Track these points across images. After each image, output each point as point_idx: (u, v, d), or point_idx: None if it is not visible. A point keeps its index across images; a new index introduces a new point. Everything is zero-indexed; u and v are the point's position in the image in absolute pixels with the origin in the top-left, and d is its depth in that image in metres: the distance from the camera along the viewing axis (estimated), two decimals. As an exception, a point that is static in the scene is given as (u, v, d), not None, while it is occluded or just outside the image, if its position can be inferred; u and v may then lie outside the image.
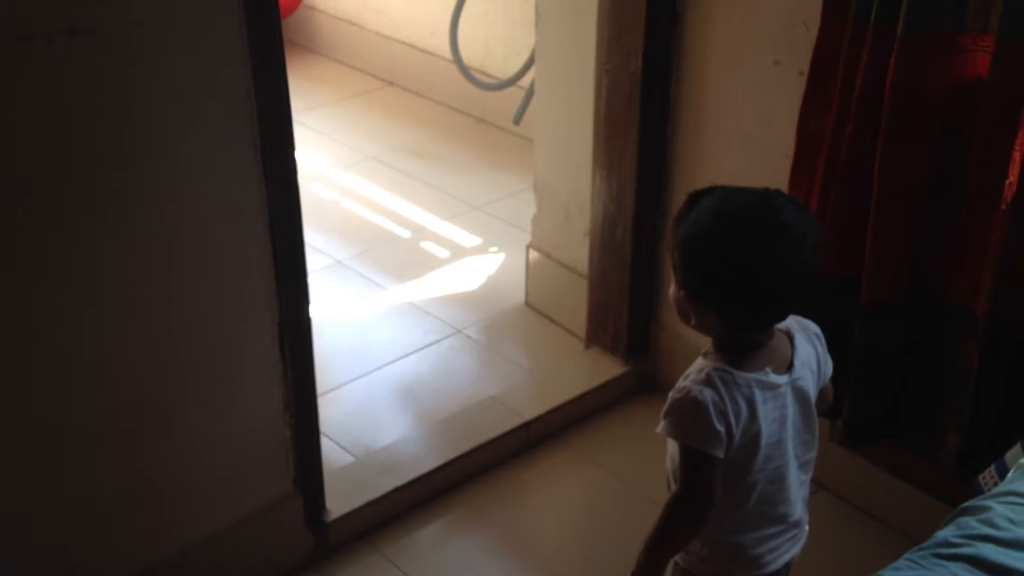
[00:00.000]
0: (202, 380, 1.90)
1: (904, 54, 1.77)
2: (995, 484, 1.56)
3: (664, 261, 2.54)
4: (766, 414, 1.50)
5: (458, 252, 3.27)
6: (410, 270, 3.17)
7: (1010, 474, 1.53)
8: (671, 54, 2.33)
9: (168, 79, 1.67)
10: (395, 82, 4.35)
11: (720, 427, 1.47)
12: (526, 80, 3.62)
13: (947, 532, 1.37)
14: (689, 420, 1.48)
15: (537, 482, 2.43)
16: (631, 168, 2.43)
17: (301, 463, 2.10)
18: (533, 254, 2.90)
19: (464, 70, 3.82)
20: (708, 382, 1.48)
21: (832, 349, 2.06)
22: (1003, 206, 1.76)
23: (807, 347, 1.58)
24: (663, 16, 2.29)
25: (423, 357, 2.80)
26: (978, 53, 1.78)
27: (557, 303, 2.86)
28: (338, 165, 3.76)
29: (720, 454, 1.48)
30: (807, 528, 1.66)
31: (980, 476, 1.65)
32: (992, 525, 1.35)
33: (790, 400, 1.53)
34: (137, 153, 1.68)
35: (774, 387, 1.51)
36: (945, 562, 1.31)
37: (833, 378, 1.64)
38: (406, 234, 3.37)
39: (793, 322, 1.58)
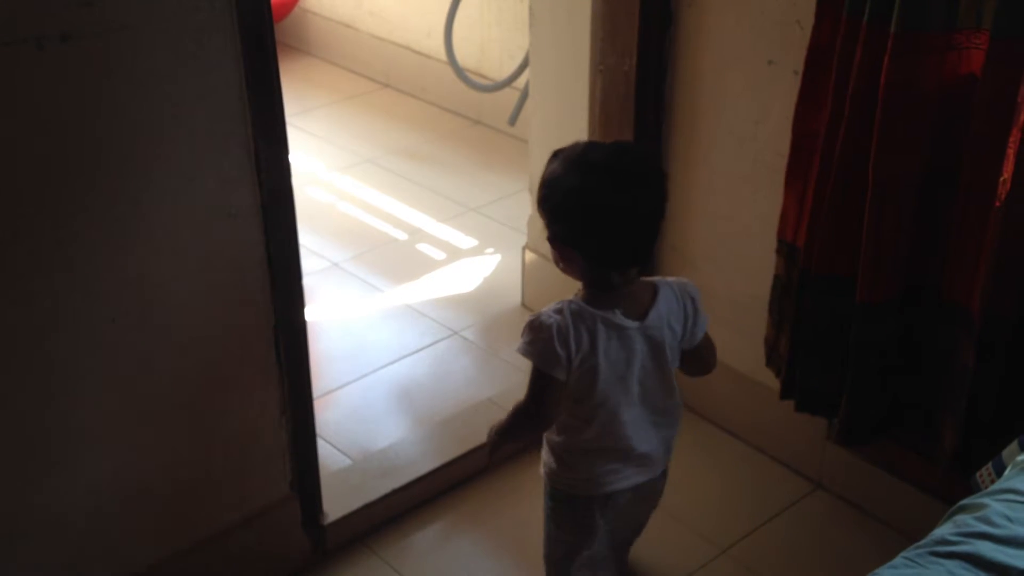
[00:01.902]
0: (198, 384, 1.90)
1: (897, 52, 1.77)
2: (992, 482, 1.56)
3: (660, 260, 2.54)
4: (607, 350, 1.69)
5: (454, 254, 3.27)
6: (406, 272, 3.17)
7: (1007, 471, 1.52)
8: (665, 54, 2.34)
9: (160, 83, 1.67)
10: (390, 84, 4.35)
11: (561, 352, 1.67)
12: (521, 81, 3.62)
13: (944, 530, 1.37)
14: (536, 341, 1.68)
15: (534, 484, 2.42)
16: (626, 168, 2.43)
17: (298, 466, 2.10)
18: (529, 255, 2.90)
19: (459, 72, 3.82)
20: (559, 311, 1.69)
21: (827, 348, 2.07)
22: (997, 203, 1.76)
23: (672, 304, 1.75)
24: (657, 16, 2.29)
25: (420, 359, 2.80)
26: (971, 51, 1.79)
27: (553, 304, 2.86)
28: (333, 168, 3.76)
29: (560, 376, 1.68)
30: (665, 466, 1.87)
31: (977, 474, 1.64)
32: (989, 523, 1.35)
33: (640, 345, 1.71)
34: (129, 157, 1.68)
35: (620, 328, 1.69)
36: (942, 560, 1.31)
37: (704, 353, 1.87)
38: (402, 236, 3.37)
39: (667, 281, 1.78)
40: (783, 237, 2.12)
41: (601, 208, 1.63)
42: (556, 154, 1.71)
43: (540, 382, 1.70)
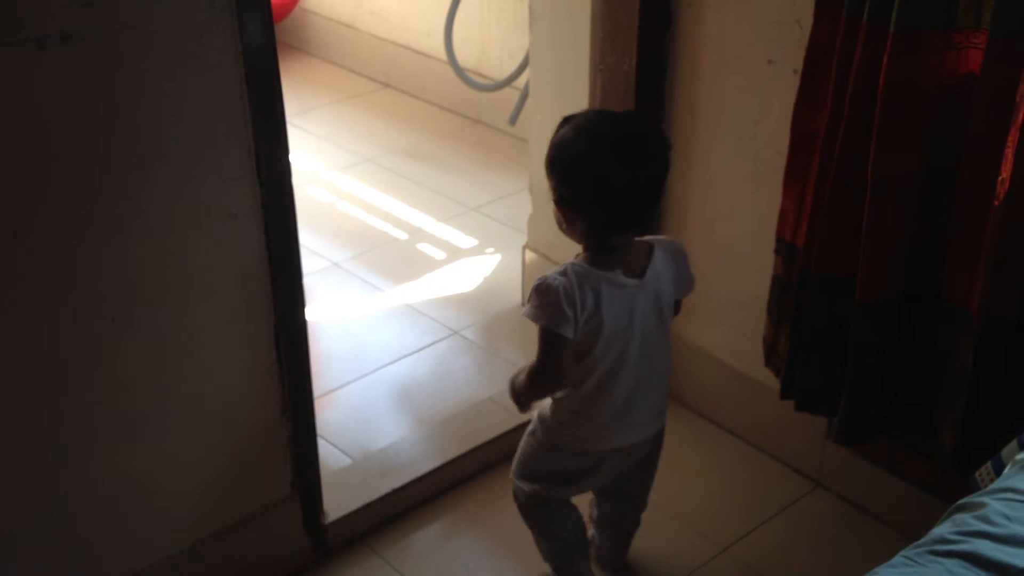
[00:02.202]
0: (199, 384, 1.90)
1: (897, 51, 1.77)
2: (991, 480, 1.56)
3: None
4: (610, 307, 1.77)
5: (454, 253, 3.27)
6: (406, 272, 3.17)
7: (1006, 470, 1.52)
8: (665, 53, 2.34)
9: (160, 82, 1.67)
10: (391, 84, 4.35)
11: (569, 312, 1.75)
12: (521, 81, 3.62)
13: (943, 529, 1.37)
14: (544, 304, 1.76)
15: (535, 483, 2.43)
16: (626, 168, 2.43)
17: (299, 466, 2.10)
18: (529, 255, 2.90)
19: (459, 71, 3.82)
20: (563, 273, 1.77)
21: (827, 347, 2.07)
22: (996, 203, 1.76)
23: (665, 262, 1.84)
24: (656, 15, 2.29)
25: (420, 359, 2.80)
26: (970, 50, 1.79)
27: (554, 303, 2.86)
28: (334, 167, 3.76)
29: (569, 334, 1.76)
30: (661, 424, 1.95)
31: (976, 473, 1.64)
32: (988, 521, 1.35)
33: (641, 303, 1.81)
34: (129, 156, 1.68)
35: (622, 287, 1.78)
36: (941, 559, 1.30)
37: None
38: (402, 236, 3.37)
39: (659, 239, 1.87)
40: (782, 236, 2.12)
41: (608, 176, 1.72)
42: (567, 119, 1.80)
43: (550, 340, 1.77)
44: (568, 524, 2.06)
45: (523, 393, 1.88)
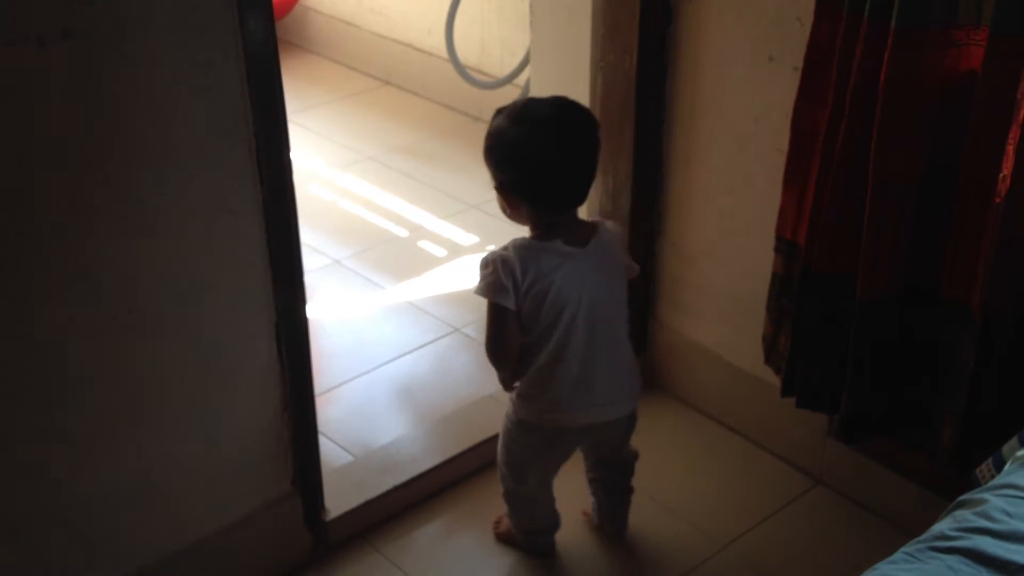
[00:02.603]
0: (199, 381, 1.90)
1: (898, 49, 1.77)
2: (992, 477, 1.56)
3: (660, 257, 2.54)
4: (552, 275, 1.86)
5: (455, 251, 3.27)
6: (408, 269, 3.17)
7: (1007, 467, 1.52)
8: (665, 51, 2.34)
9: (161, 79, 1.67)
10: (391, 82, 4.35)
11: (507, 281, 1.85)
12: (522, 78, 3.62)
13: (944, 525, 1.37)
14: (484, 276, 1.88)
15: (536, 480, 2.43)
16: (626, 166, 2.43)
17: (300, 463, 2.10)
18: (530, 252, 2.90)
19: (460, 69, 3.82)
20: (505, 248, 1.88)
21: (827, 345, 2.07)
22: (997, 200, 1.76)
23: (610, 237, 1.94)
24: (657, 13, 2.29)
25: (421, 356, 2.80)
26: (971, 47, 1.79)
27: (554, 301, 2.86)
28: (335, 165, 3.76)
29: (509, 304, 1.86)
30: (632, 407, 2.02)
31: (977, 469, 1.64)
32: (989, 518, 1.35)
33: (585, 270, 1.88)
34: (130, 153, 1.68)
35: (565, 255, 1.87)
36: (942, 555, 1.31)
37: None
38: (403, 233, 3.37)
39: (605, 222, 1.99)
40: (782, 234, 2.12)
41: (544, 158, 1.84)
42: (500, 111, 1.92)
43: (492, 312, 1.89)
44: (545, 515, 2.17)
45: (496, 371, 1.99)
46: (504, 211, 1.92)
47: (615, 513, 2.24)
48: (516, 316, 1.88)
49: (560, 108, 1.88)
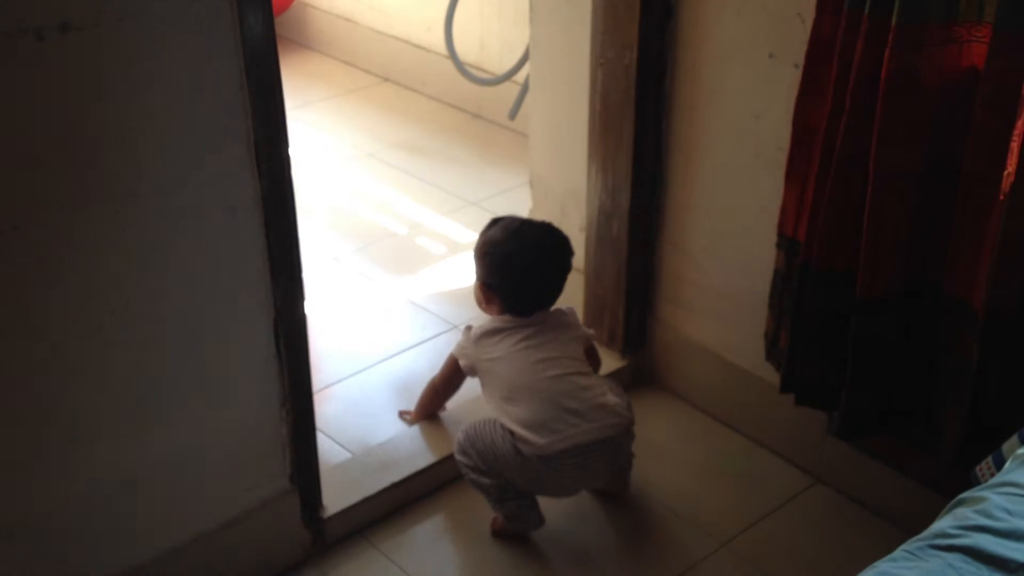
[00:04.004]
0: (197, 377, 1.90)
1: (899, 45, 1.77)
2: (992, 475, 1.56)
3: (660, 254, 2.53)
4: (506, 347, 2.21)
5: (454, 248, 3.26)
6: (406, 266, 3.17)
7: (1007, 464, 1.52)
8: (666, 47, 2.33)
9: (159, 74, 1.66)
10: (390, 78, 4.34)
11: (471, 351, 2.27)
12: (521, 75, 3.61)
13: (944, 523, 1.37)
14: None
15: (534, 477, 2.42)
16: (626, 162, 2.43)
17: (298, 459, 2.09)
18: (529, 249, 2.89)
19: (459, 66, 3.82)
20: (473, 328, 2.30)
21: (828, 342, 2.07)
22: (1001, 197, 1.76)
23: (562, 314, 2.28)
24: (657, 9, 2.28)
25: (420, 353, 2.80)
26: (973, 43, 1.78)
27: (553, 298, 2.85)
28: (334, 161, 3.76)
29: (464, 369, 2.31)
30: (611, 418, 2.16)
31: (977, 467, 1.64)
32: (989, 516, 1.34)
33: (539, 338, 2.21)
34: (128, 148, 1.68)
35: (516, 329, 2.23)
36: (942, 553, 1.30)
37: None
38: (402, 230, 3.36)
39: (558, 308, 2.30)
40: (783, 231, 2.12)
41: (529, 273, 2.22)
42: (495, 221, 2.28)
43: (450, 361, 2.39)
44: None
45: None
46: (479, 303, 2.31)
47: (617, 487, 2.33)
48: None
49: (547, 233, 2.27)
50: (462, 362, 2.30)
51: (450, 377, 2.41)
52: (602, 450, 2.14)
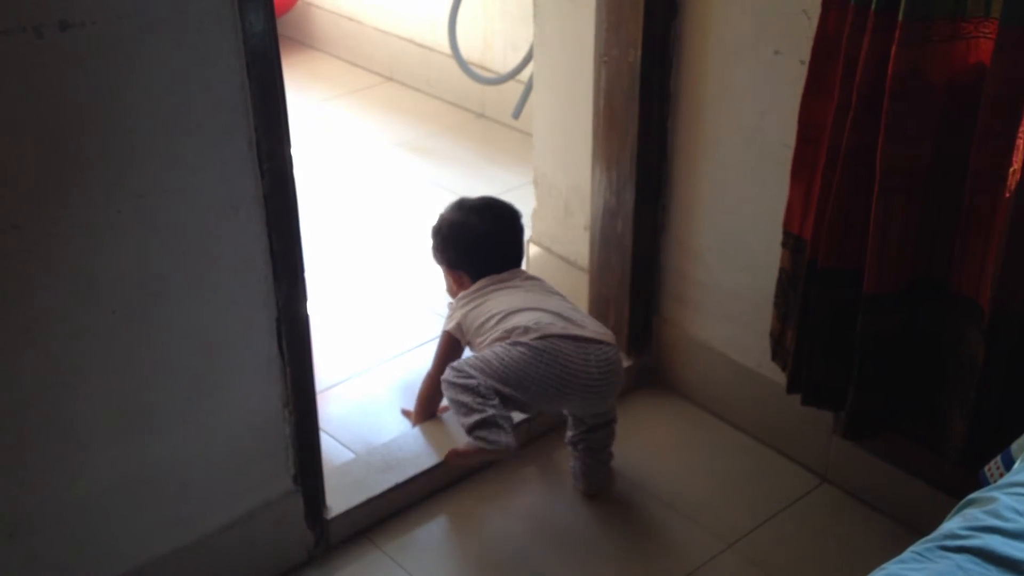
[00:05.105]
0: (200, 377, 1.89)
1: (905, 41, 1.76)
2: (1001, 475, 1.55)
3: (664, 253, 2.52)
4: (492, 297, 2.34)
5: (458, 247, 3.25)
6: (410, 266, 3.16)
7: (1016, 465, 1.51)
8: (670, 45, 2.32)
9: (160, 72, 1.66)
10: (394, 77, 4.34)
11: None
12: (525, 74, 3.61)
13: (953, 524, 1.36)
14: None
15: (536, 478, 2.42)
16: (631, 161, 2.42)
17: (301, 460, 2.09)
18: (533, 248, 2.89)
19: (463, 65, 3.81)
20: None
21: (834, 341, 2.06)
22: (1007, 194, 1.74)
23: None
24: (662, 6, 2.27)
25: (423, 354, 2.78)
26: (980, 39, 1.77)
27: (558, 297, 2.85)
28: (337, 161, 3.75)
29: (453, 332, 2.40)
30: (608, 333, 2.30)
31: (985, 467, 1.63)
32: (998, 516, 1.33)
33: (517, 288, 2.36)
34: (129, 147, 1.67)
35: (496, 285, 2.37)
36: (951, 554, 1.29)
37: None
38: (405, 230, 3.35)
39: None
40: (789, 229, 2.11)
41: (480, 231, 2.38)
42: (444, 210, 2.46)
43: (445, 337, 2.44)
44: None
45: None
46: (450, 292, 2.47)
47: (598, 472, 2.33)
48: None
49: (488, 200, 2.47)
50: (450, 325, 2.34)
51: (445, 356, 2.38)
52: (605, 356, 2.22)
